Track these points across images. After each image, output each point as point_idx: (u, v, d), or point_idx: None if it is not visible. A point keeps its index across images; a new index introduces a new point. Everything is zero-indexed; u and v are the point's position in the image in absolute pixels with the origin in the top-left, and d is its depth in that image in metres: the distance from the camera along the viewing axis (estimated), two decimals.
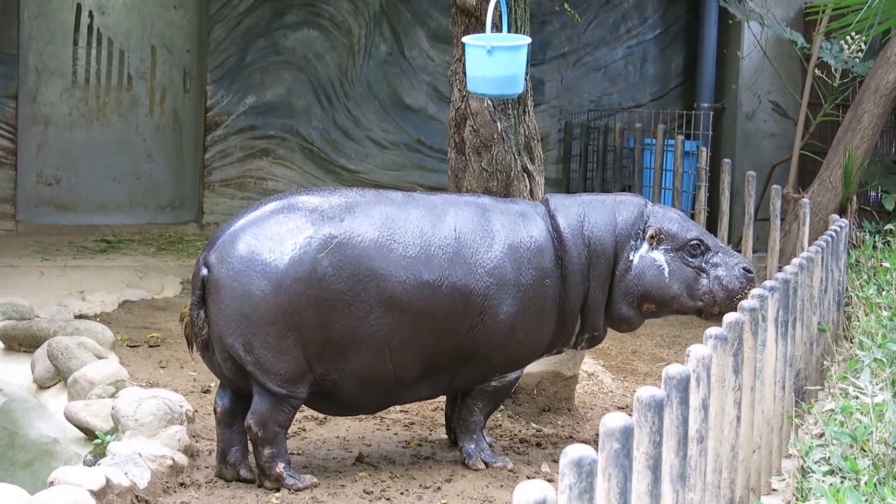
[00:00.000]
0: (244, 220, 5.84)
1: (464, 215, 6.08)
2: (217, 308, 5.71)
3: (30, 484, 5.48)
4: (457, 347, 6.01)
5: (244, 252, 5.70)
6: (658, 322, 10.39)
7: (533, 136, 9.23)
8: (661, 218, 6.37)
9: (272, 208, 5.87)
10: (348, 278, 5.74)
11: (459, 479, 6.05)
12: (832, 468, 4.62)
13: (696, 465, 3.81)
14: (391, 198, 6.05)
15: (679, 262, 6.33)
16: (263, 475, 5.82)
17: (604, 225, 6.29)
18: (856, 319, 7.56)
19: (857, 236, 10.25)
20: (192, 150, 13.61)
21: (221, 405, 5.95)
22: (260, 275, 5.66)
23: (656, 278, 6.29)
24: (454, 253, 5.95)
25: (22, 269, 10.89)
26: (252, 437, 5.80)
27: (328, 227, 5.78)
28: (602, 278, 6.27)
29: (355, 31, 13.66)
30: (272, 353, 5.69)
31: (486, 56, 6.66)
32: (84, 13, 13.27)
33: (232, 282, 5.68)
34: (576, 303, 6.26)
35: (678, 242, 6.33)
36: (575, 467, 2.79)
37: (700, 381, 3.85)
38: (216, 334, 5.73)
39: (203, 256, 5.81)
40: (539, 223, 6.21)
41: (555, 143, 14.13)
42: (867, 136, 10.83)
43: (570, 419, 7.13)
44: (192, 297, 5.79)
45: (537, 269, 6.12)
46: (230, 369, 5.83)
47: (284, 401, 5.79)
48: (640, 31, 14.42)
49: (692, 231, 6.39)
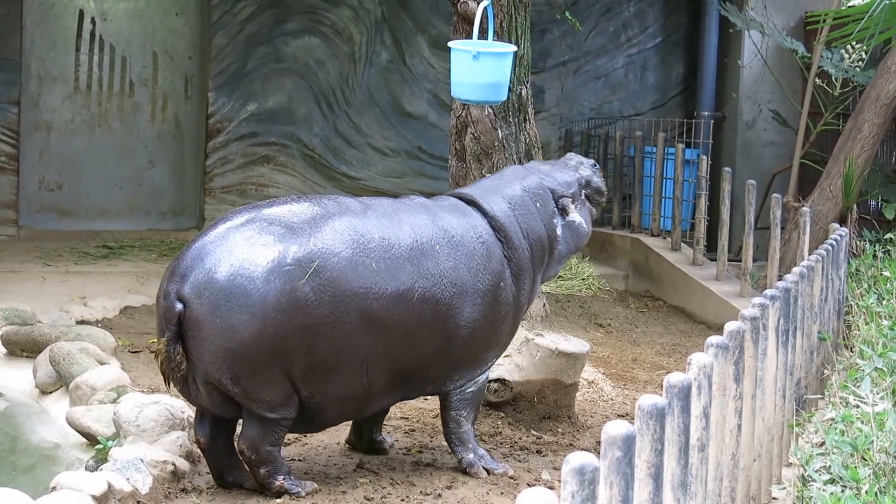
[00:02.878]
0: (214, 247, 5.59)
1: (418, 222, 6.03)
2: (200, 345, 5.53)
3: (31, 489, 5.48)
4: (424, 357, 6.00)
5: (223, 285, 5.49)
6: (658, 331, 10.42)
7: (534, 144, 9.27)
8: (558, 183, 6.63)
9: (239, 231, 5.63)
10: (329, 301, 5.63)
11: (460, 486, 6.06)
12: (833, 477, 4.63)
13: (697, 473, 3.82)
14: (350, 207, 5.91)
15: (584, 207, 6.77)
16: (265, 489, 5.82)
17: (529, 214, 6.43)
18: (856, 328, 7.57)
19: (858, 245, 10.27)
20: (193, 157, 13.63)
21: (203, 436, 5.86)
22: (242, 309, 5.48)
23: (581, 233, 6.67)
24: (418, 262, 5.91)
25: (24, 275, 10.90)
26: (246, 460, 5.77)
27: (303, 248, 5.62)
28: (542, 262, 6.49)
29: (356, 38, 13.68)
30: (259, 382, 5.59)
31: (473, 61, 6.66)
32: (86, 20, 13.29)
33: (213, 318, 5.48)
34: (526, 294, 6.40)
35: (577, 194, 6.69)
36: (577, 475, 2.81)
37: (701, 390, 3.86)
38: (201, 370, 5.58)
39: (174, 290, 5.55)
40: (482, 223, 6.24)
41: (555, 150, 14.13)
42: (868, 146, 10.85)
43: (570, 427, 7.15)
44: (168, 332, 5.54)
45: (491, 273, 6.16)
46: (215, 400, 5.71)
47: (275, 423, 5.73)
48: (641, 40, 14.44)
49: (570, 175, 6.75)
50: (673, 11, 14.43)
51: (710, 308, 10.79)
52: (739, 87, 13.65)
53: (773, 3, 13.45)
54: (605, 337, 9.98)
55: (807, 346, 6.28)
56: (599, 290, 11.71)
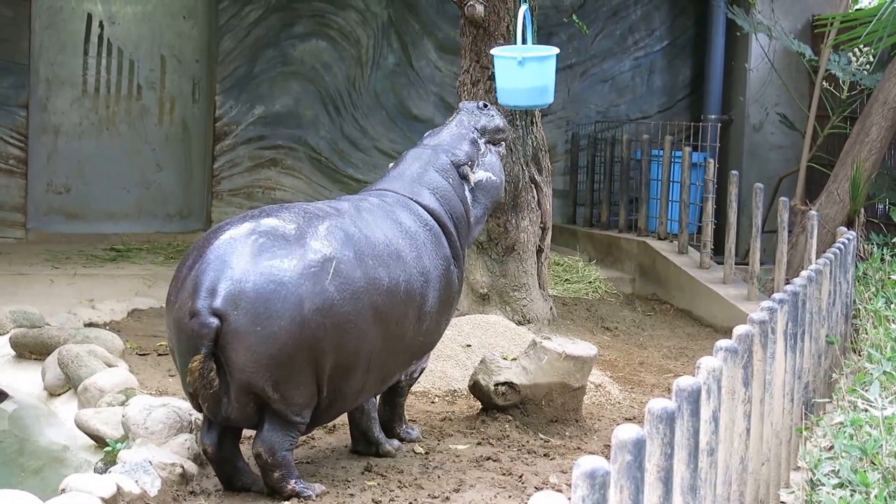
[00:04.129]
0: (233, 259, 5.57)
1: (381, 220, 6.20)
2: (243, 356, 5.53)
3: (40, 491, 5.49)
4: (403, 349, 6.22)
5: (258, 294, 5.51)
6: (665, 334, 10.42)
7: (541, 148, 9.28)
8: (455, 153, 6.70)
9: (251, 241, 5.64)
10: (350, 298, 5.74)
11: (468, 489, 6.06)
12: (842, 481, 4.63)
13: (706, 477, 3.82)
14: (326, 210, 6.01)
15: (489, 153, 6.82)
16: (277, 493, 5.83)
17: (449, 195, 6.58)
18: (864, 332, 7.57)
19: (865, 249, 10.27)
20: (200, 160, 13.65)
21: (211, 445, 5.84)
22: (281, 315, 5.53)
23: (491, 186, 6.78)
24: (396, 257, 6.08)
25: (32, 278, 10.92)
26: (262, 463, 5.78)
27: (318, 250, 5.71)
28: (466, 234, 6.68)
29: (363, 41, 13.70)
30: (296, 385, 5.66)
31: (518, 67, 6.69)
32: (94, 23, 13.32)
33: (255, 327, 5.50)
34: (462, 273, 6.64)
35: (473, 153, 6.74)
36: (588, 479, 2.81)
37: (711, 394, 3.86)
38: (242, 381, 5.57)
39: (205, 306, 5.49)
40: (424, 213, 6.43)
41: (562, 154, 14.16)
42: (875, 149, 10.85)
43: (577, 430, 7.14)
44: (204, 349, 5.46)
45: (443, 258, 6.38)
46: (248, 412, 5.70)
47: (295, 427, 5.79)
48: (648, 43, 14.45)
49: (463, 138, 6.79)
50: (680, 14, 14.43)
51: (717, 311, 10.79)
52: (746, 91, 13.65)
53: (781, 6, 13.45)
54: (612, 340, 9.98)
55: (815, 350, 6.28)
56: (606, 294, 11.71)
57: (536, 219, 9.14)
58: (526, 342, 7.57)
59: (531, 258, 9.14)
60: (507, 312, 8.99)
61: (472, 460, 6.49)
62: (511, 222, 9.03)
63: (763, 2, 13.26)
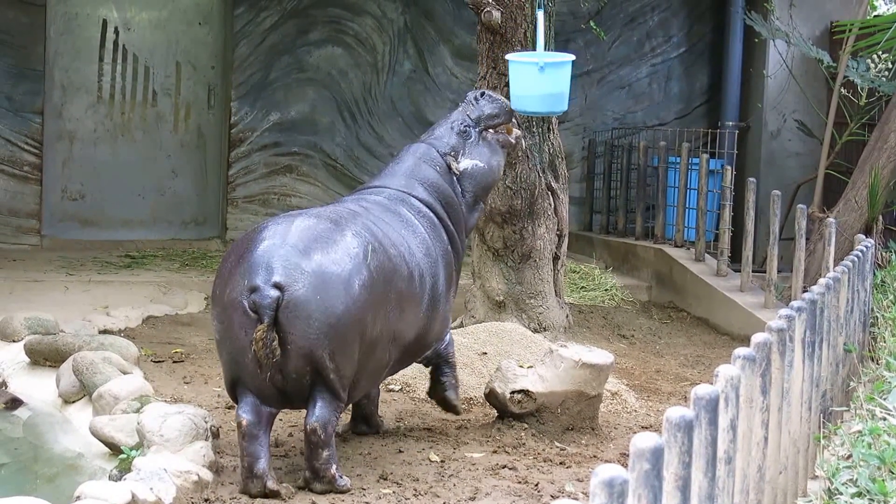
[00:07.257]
0: (285, 240, 5.94)
1: (385, 213, 6.60)
2: (303, 324, 5.82)
3: (54, 498, 5.49)
4: (416, 333, 6.56)
5: (315, 267, 5.87)
6: (681, 342, 10.38)
7: (557, 154, 9.25)
8: (440, 147, 7.01)
9: (296, 227, 6.04)
10: (383, 280, 6.14)
11: (483, 498, 6.04)
12: (860, 490, 4.60)
13: (724, 485, 3.79)
14: (346, 208, 6.48)
15: (483, 142, 7.05)
16: (317, 478, 5.96)
17: (442, 186, 6.91)
18: (882, 340, 7.53)
19: (883, 256, 10.22)
20: (215, 167, 13.66)
21: (247, 418, 5.93)
22: (336, 287, 5.88)
23: (479, 174, 7.02)
24: (407, 247, 6.48)
25: (47, 284, 10.93)
26: (315, 440, 5.91)
27: (356, 234, 6.13)
28: (460, 221, 6.98)
29: (379, 48, 13.69)
30: (346, 358, 5.95)
31: (537, 73, 6.69)
32: (110, 29, 13.34)
33: (315, 296, 5.82)
34: (461, 257, 7.04)
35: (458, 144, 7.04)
36: (606, 487, 2.78)
37: (729, 402, 3.83)
38: (303, 350, 5.83)
39: (262, 279, 5.78)
40: (420, 206, 6.80)
41: (578, 161, 14.13)
42: (893, 156, 10.78)
43: (593, 438, 7.12)
44: (266, 319, 5.74)
45: (442, 241, 6.79)
46: (301, 385, 5.92)
47: (341, 402, 6.05)
48: (665, 49, 14.41)
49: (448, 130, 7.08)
50: (697, 21, 14.40)
51: (733, 319, 10.75)
52: (764, 97, 13.61)
53: (799, 12, 13.41)
54: (629, 348, 9.94)
55: (833, 358, 6.24)
56: (623, 301, 11.67)
57: (553, 226, 9.11)
58: (542, 350, 7.54)
59: (547, 265, 9.11)
60: (524, 320, 8.96)
61: (488, 468, 6.47)
62: (527, 229, 9.00)
63: (781, 8, 13.21)
